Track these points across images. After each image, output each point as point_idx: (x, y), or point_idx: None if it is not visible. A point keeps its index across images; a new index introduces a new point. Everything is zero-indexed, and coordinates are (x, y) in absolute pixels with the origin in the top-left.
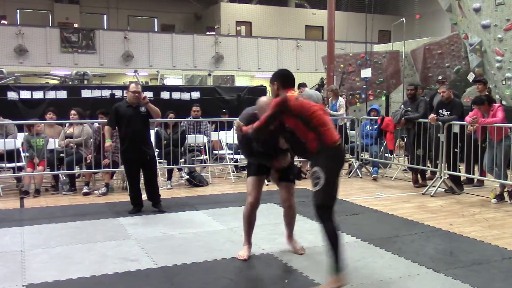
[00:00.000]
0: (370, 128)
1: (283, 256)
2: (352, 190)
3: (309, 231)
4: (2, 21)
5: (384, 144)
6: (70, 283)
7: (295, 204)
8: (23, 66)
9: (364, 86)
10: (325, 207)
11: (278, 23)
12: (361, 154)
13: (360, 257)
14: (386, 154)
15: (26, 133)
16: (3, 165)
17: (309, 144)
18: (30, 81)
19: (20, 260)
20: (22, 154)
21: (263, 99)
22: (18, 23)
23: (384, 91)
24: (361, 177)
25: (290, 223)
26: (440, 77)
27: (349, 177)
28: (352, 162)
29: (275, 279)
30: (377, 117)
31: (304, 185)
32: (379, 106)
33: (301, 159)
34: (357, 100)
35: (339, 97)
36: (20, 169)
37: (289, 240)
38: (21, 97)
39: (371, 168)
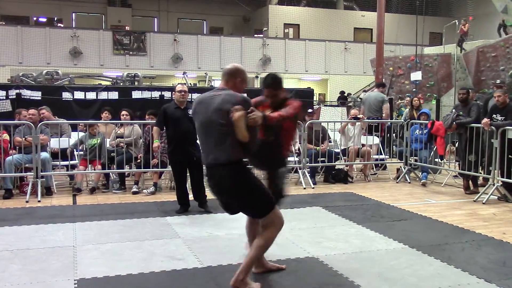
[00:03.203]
0: (420, 132)
1: (328, 260)
2: (400, 196)
3: (355, 235)
4: (59, 24)
5: (434, 149)
6: (119, 279)
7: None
8: (77, 68)
9: (414, 90)
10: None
11: (326, 26)
12: (410, 159)
13: (407, 264)
14: (436, 159)
15: (83, 133)
16: (58, 163)
17: (284, 150)
18: (83, 82)
19: (72, 255)
20: (76, 153)
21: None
22: (74, 26)
23: (435, 95)
24: (409, 182)
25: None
26: (498, 81)
27: (397, 182)
28: (401, 167)
29: (319, 283)
30: (427, 121)
31: (352, 189)
32: (429, 110)
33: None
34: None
35: None
36: (73, 167)
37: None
38: (75, 97)
39: (420, 173)
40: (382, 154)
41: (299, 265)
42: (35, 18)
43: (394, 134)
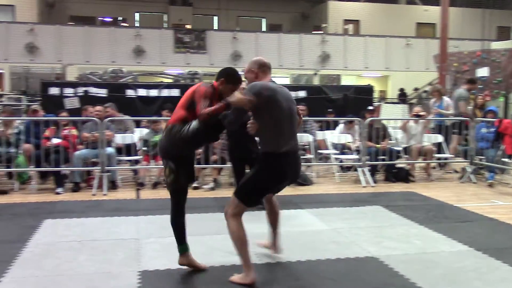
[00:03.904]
0: (487, 131)
1: (389, 260)
2: (464, 196)
3: (417, 236)
4: (123, 24)
5: (502, 148)
6: (180, 272)
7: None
8: (141, 66)
9: (480, 86)
10: None
11: (387, 21)
12: (475, 159)
13: (473, 267)
14: (504, 159)
15: (146, 129)
16: (122, 158)
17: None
18: (146, 79)
19: (135, 247)
20: (139, 148)
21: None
22: (137, 25)
23: (503, 92)
24: (474, 183)
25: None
26: None
27: (461, 182)
28: (466, 166)
29: (379, 283)
30: (495, 119)
31: (413, 188)
32: (496, 107)
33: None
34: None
35: (444, 97)
36: (137, 162)
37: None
38: (138, 94)
39: (487, 173)
40: (445, 153)
41: (358, 265)
42: (101, 19)
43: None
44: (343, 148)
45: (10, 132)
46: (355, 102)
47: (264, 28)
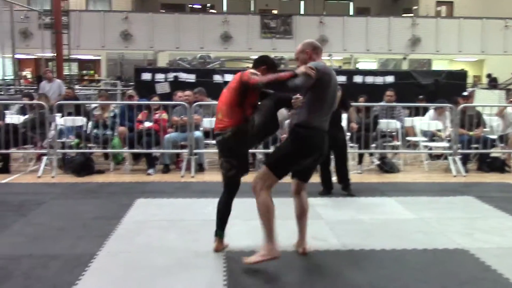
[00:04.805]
0: None
1: (480, 253)
2: None
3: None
4: (211, 11)
5: None
6: None
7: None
8: (227, 52)
9: None
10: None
11: (484, 2)
12: None
13: None
14: None
15: None
16: (209, 141)
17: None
18: (233, 65)
19: None
20: None
21: None
22: (224, 12)
23: None
24: None
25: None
26: None
27: None
28: None
29: (469, 277)
30: None
31: (509, 179)
32: None
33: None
34: None
35: None
36: None
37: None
38: (225, 80)
39: None
40: None
41: (447, 256)
42: (190, 6)
43: None
44: (432, 136)
45: (106, 115)
46: (447, 88)
47: (351, 12)
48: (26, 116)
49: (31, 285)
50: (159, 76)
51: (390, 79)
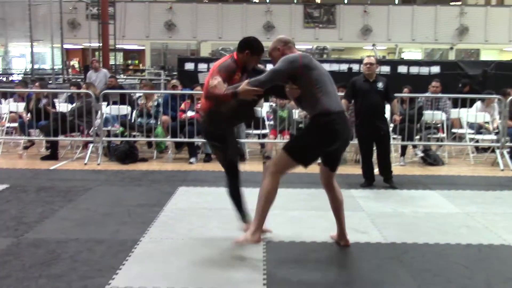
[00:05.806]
0: None
1: None
2: None
3: None
4: (254, 0)
5: None
6: (303, 245)
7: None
8: (269, 41)
9: None
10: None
11: None
12: None
13: None
14: None
15: (273, 104)
16: (250, 131)
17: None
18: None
19: None
20: (266, 122)
21: None
22: (268, 1)
23: None
24: None
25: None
26: None
27: None
28: None
29: None
30: None
31: None
32: None
33: None
34: None
35: None
36: (264, 136)
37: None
38: (266, 69)
39: None
40: None
41: (491, 252)
42: None
43: None
44: (479, 128)
45: (150, 104)
46: (496, 79)
47: (396, 1)
48: (74, 105)
49: (78, 268)
50: (202, 66)
51: (435, 69)
